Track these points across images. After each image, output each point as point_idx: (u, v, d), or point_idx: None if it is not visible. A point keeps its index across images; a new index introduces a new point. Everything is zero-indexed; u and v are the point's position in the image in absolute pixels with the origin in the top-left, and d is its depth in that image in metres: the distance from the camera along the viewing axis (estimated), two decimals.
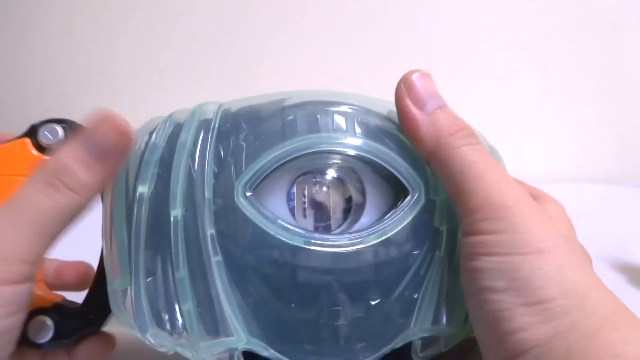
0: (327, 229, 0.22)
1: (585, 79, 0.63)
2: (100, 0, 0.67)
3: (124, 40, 0.68)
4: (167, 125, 0.22)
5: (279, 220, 0.20)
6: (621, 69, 0.62)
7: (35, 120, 0.24)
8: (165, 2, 0.67)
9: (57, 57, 0.69)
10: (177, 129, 0.22)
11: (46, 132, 0.24)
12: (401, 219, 0.21)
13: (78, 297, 0.25)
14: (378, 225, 0.21)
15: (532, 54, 0.63)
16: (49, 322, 0.24)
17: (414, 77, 0.21)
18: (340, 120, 0.22)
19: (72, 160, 0.20)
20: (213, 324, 0.20)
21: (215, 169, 0.21)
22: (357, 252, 0.20)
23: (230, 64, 0.66)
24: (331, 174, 0.23)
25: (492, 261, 0.18)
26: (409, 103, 0.21)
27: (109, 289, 0.21)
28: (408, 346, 0.22)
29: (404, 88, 0.21)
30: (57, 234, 0.20)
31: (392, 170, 0.21)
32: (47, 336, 0.24)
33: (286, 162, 0.21)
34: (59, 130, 0.24)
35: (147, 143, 0.22)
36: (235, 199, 0.20)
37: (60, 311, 0.25)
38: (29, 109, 0.69)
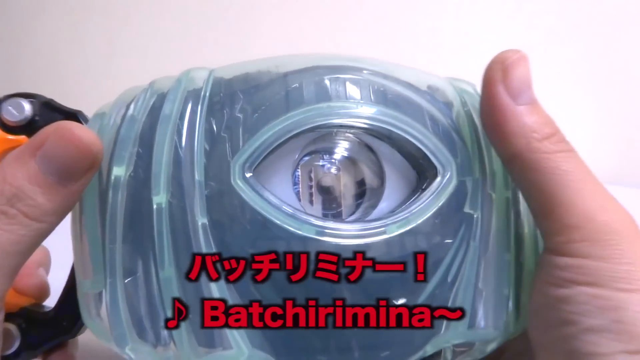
0: (338, 217, 0.18)
1: (585, 79, 0.63)
2: (101, 1, 0.67)
3: (124, 40, 0.67)
4: (147, 95, 0.18)
5: (285, 206, 0.17)
6: (622, 68, 0.62)
7: None
8: (166, 2, 0.66)
9: (57, 57, 0.68)
10: (160, 100, 0.18)
11: (10, 108, 0.21)
12: (430, 203, 0.17)
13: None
14: (403, 212, 0.17)
15: (532, 54, 0.62)
16: (14, 330, 0.21)
17: (514, 59, 0.18)
18: (354, 87, 0.18)
19: (29, 184, 0.16)
20: (207, 334, 0.16)
21: (207, 147, 0.17)
22: (380, 244, 0.17)
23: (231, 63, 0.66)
24: (343, 152, 0.19)
25: (589, 293, 0.16)
26: (502, 90, 0.17)
27: (79, 292, 0.18)
28: (437, 353, 0.19)
29: (499, 70, 0.18)
30: (22, 264, 0.17)
31: (418, 144, 0.18)
32: (12, 347, 0.21)
33: (291, 138, 0.18)
34: (26, 105, 0.21)
35: (123, 117, 0.18)
36: (232, 181, 0.17)
37: (28, 317, 0.21)
38: None
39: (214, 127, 0.17)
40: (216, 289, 0.16)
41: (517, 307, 0.18)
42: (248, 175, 0.17)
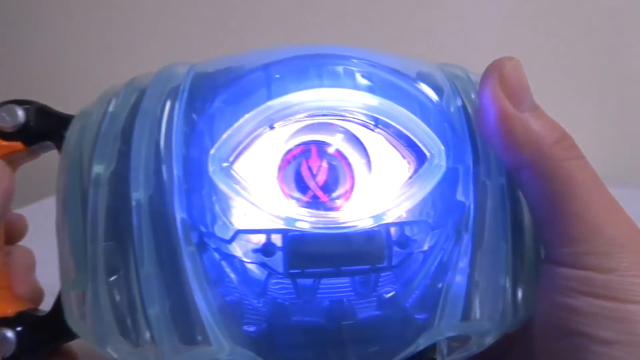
0: (327, 208, 0.18)
1: (584, 79, 0.63)
2: (101, 1, 0.67)
3: (124, 40, 0.67)
4: (128, 92, 0.18)
5: (265, 197, 0.16)
6: (621, 68, 0.62)
7: None
8: (166, 2, 0.66)
9: (57, 58, 0.69)
10: (140, 96, 0.18)
11: (3, 115, 0.21)
12: (417, 190, 0.17)
13: None
14: (390, 200, 0.17)
15: (531, 54, 0.62)
16: (9, 334, 0.21)
17: (510, 66, 0.17)
18: (339, 74, 0.18)
19: None
20: (187, 330, 0.16)
21: (186, 140, 0.17)
22: (365, 233, 0.16)
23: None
24: (329, 142, 0.19)
25: (597, 305, 0.16)
26: (503, 98, 0.17)
27: (63, 292, 0.18)
28: (432, 347, 0.18)
29: (497, 78, 0.17)
30: None
31: (405, 131, 0.17)
32: (7, 351, 0.21)
33: (274, 130, 0.17)
34: (20, 112, 0.21)
35: (104, 114, 0.18)
36: (210, 173, 0.16)
37: (25, 321, 0.21)
38: None
39: (194, 120, 0.17)
40: (197, 286, 0.16)
41: (514, 300, 0.18)
42: (224, 165, 0.16)
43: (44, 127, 0.21)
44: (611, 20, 0.61)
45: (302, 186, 0.18)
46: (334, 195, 0.18)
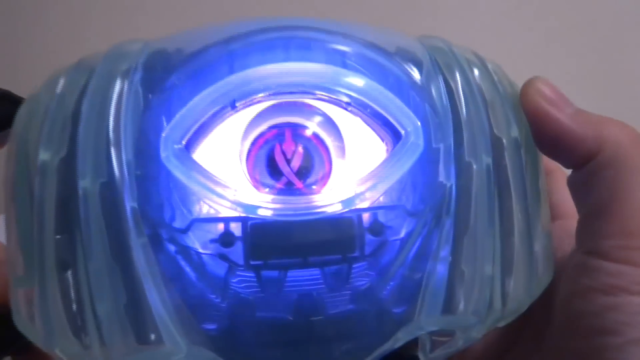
0: (298, 194, 0.16)
1: (583, 79, 0.61)
2: (102, 1, 0.66)
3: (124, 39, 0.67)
4: (77, 73, 0.17)
5: (222, 182, 0.15)
6: (621, 69, 0.61)
7: None
8: (167, 2, 0.65)
9: (57, 57, 0.67)
10: (90, 76, 0.16)
11: None
12: (393, 171, 0.15)
13: None
14: (362, 182, 0.15)
15: (530, 54, 0.61)
16: None
17: (540, 81, 0.18)
18: (306, 47, 0.16)
19: None
20: (139, 329, 0.14)
21: (140, 122, 0.15)
22: (333, 219, 0.15)
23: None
24: (297, 124, 0.17)
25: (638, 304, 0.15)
26: (546, 105, 0.17)
27: (10, 290, 0.16)
28: (414, 343, 0.16)
29: (534, 91, 0.18)
30: None
31: (378, 108, 0.16)
32: None
33: (238, 111, 0.16)
34: None
35: (51, 96, 0.16)
36: (162, 157, 0.15)
37: None
38: None
39: (149, 101, 0.16)
40: (151, 281, 0.14)
41: (503, 290, 0.16)
42: (177, 147, 0.15)
43: (6, 114, 0.20)
44: (611, 20, 0.60)
45: (275, 172, 0.17)
46: (310, 181, 0.17)
